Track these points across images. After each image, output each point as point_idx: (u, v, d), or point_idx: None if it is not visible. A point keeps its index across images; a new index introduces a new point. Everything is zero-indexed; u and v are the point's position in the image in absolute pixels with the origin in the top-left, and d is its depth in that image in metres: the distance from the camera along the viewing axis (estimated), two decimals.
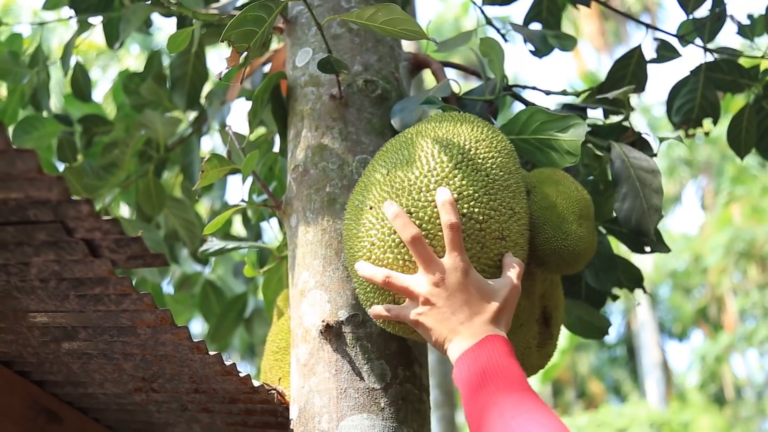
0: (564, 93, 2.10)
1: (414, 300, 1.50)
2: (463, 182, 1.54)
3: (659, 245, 2.16)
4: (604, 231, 2.18)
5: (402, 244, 1.51)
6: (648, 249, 2.18)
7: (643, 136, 2.13)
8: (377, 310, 1.55)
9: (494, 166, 1.59)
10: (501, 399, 1.33)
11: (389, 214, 1.50)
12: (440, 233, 1.51)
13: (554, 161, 1.75)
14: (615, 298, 2.46)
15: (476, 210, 1.53)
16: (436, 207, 1.51)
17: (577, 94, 2.20)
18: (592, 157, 2.14)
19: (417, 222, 1.51)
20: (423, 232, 1.51)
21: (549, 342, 1.87)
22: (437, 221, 1.51)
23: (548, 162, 1.77)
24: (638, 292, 2.38)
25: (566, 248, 1.71)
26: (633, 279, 2.42)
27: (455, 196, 1.52)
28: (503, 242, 1.56)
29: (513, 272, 1.53)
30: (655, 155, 2.15)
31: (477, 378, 1.38)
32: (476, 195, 1.54)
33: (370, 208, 1.57)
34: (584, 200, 1.78)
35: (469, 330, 1.46)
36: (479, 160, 1.57)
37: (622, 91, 2.08)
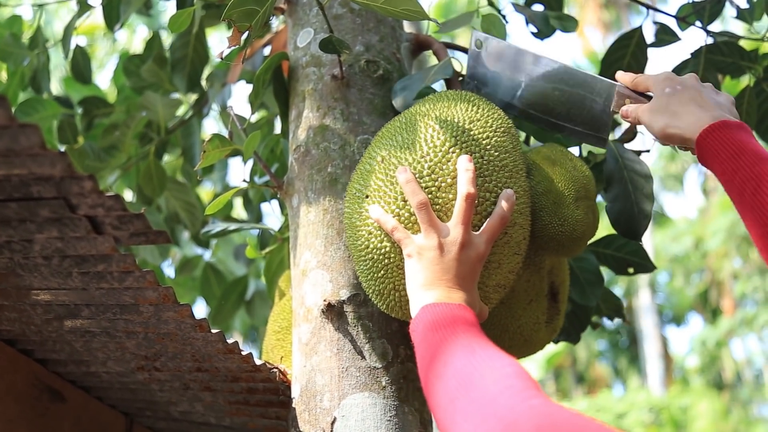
0: None
1: (408, 248, 1.49)
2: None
3: (644, 265, 2.16)
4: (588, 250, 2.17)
5: None
6: (631, 270, 2.18)
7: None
8: (379, 212, 1.54)
9: (489, 147, 1.58)
10: (468, 336, 1.30)
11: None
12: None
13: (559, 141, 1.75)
14: (595, 326, 2.47)
15: None
16: (430, 193, 1.52)
17: None
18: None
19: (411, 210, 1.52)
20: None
21: (557, 317, 1.87)
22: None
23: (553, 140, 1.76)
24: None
25: (564, 234, 1.71)
26: (613, 308, 2.43)
27: (449, 180, 1.52)
28: None
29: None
30: (648, 151, 2.15)
31: (444, 320, 1.34)
32: None
33: (366, 197, 1.57)
34: (583, 179, 1.76)
35: (449, 293, 1.43)
36: (473, 142, 1.57)
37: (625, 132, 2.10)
